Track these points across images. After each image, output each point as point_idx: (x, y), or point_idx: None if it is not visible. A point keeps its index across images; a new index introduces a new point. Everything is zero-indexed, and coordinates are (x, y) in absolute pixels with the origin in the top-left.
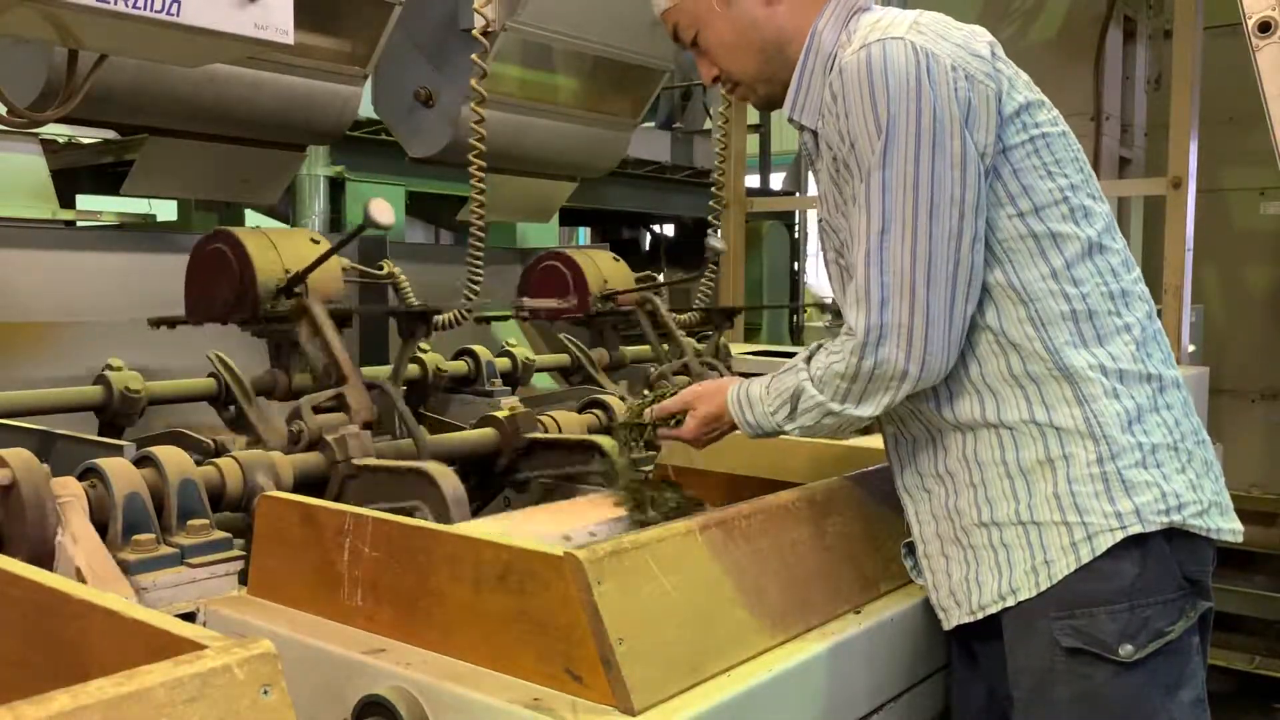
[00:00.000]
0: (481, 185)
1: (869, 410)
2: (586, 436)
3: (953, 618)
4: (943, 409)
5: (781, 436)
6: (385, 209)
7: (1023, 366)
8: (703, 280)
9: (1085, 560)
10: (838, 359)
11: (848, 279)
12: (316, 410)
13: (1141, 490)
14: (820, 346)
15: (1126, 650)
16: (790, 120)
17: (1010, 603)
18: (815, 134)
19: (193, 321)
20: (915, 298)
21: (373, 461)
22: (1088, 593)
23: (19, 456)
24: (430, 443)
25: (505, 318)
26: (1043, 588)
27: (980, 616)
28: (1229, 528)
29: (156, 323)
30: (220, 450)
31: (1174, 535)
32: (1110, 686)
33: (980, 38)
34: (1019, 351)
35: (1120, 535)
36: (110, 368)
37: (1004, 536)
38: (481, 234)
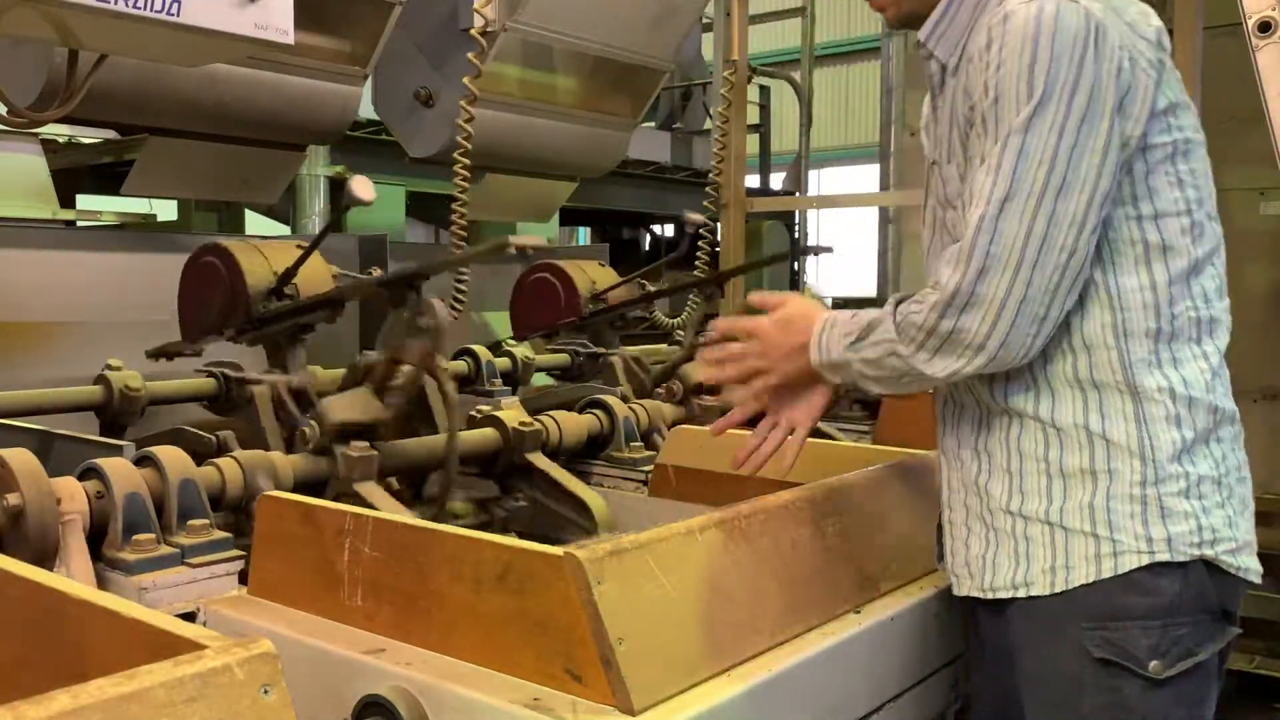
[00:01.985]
0: (465, 185)
1: (936, 370)
2: (577, 491)
3: (963, 587)
4: (995, 391)
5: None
6: (365, 185)
7: (1089, 372)
8: (700, 263)
9: (1105, 575)
10: (918, 311)
11: (942, 231)
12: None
13: (1179, 520)
14: (913, 295)
15: (1155, 666)
16: (920, 45)
17: (1022, 594)
18: (944, 67)
19: (189, 340)
20: (1018, 276)
21: (366, 491)
22: (1123, 606)
23: (26, 470)
24: (429, 443)
25: (500, 342)
26: (1057, 589)
27: (989, 597)
28: (1254, 569)
29: (154, 354)
30: (223, 447)
31: (1211, 564)
32: (1138, 701)
33: (1151, 20)
34: (1091, 356)
35: (1146, 560)
36: (110, 368)
37: (1028, 530)
38: (463, 234)
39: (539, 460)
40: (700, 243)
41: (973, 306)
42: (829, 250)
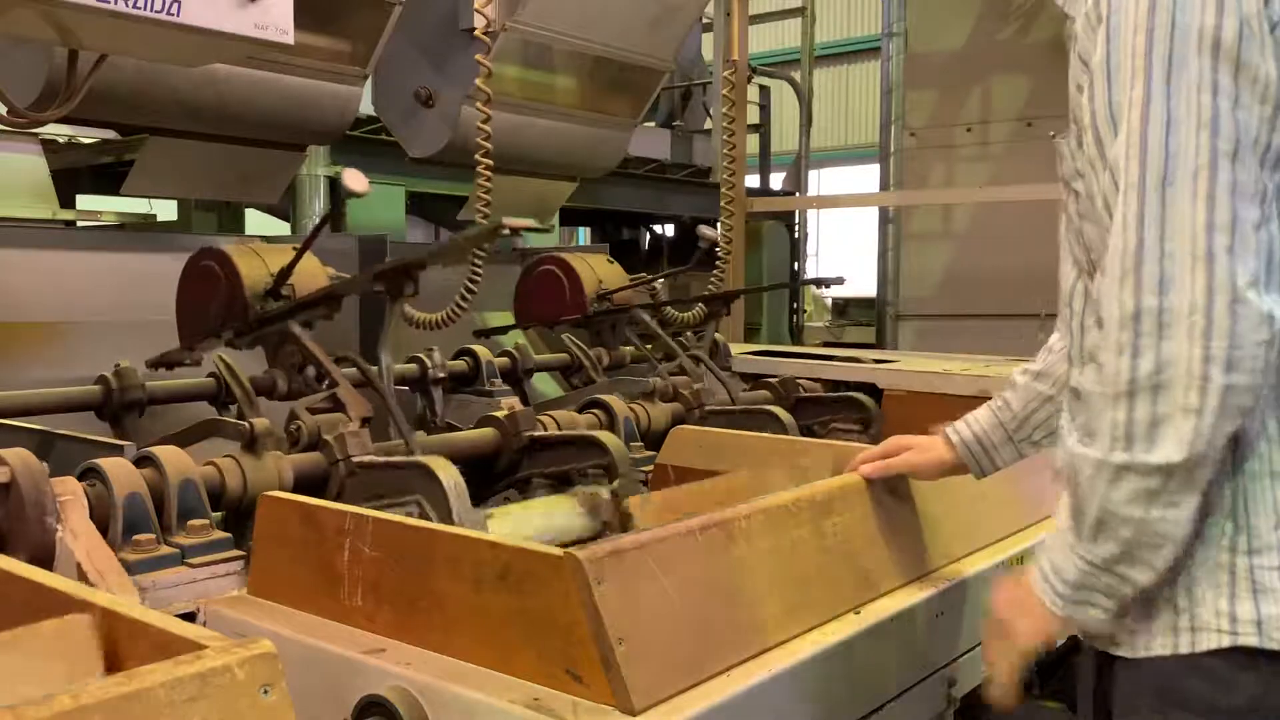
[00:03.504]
0: (488, 185)
1: (1164, 453)
2: (586, 432)
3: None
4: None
5: (1063, 600)
6: (357, 177)
7: None
8: (711, 276)
9: (1182, 651)
10: (1092, 377)
11: (1065, 220)
12: (312, 412)
13: (1274, 600)
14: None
15: None
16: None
17: (1111, 650)
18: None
19: (186, 344)
20: (1215, 270)
21: (371, 458)
22: (1193, 693)
23: (17, 455)
24: (430, 443)
25: (507, 329)
26: (1138, 654)
27: (1082, 640)
28: None
29: (154, 364)
30: (255, 436)
31: None
32: None
33: None
34: None
35: (1227, 641)
36: (119, 368)
37: None
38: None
39: (537, 433)
40: (709, 253)
41: (1170, 328)
42: (840, 281)
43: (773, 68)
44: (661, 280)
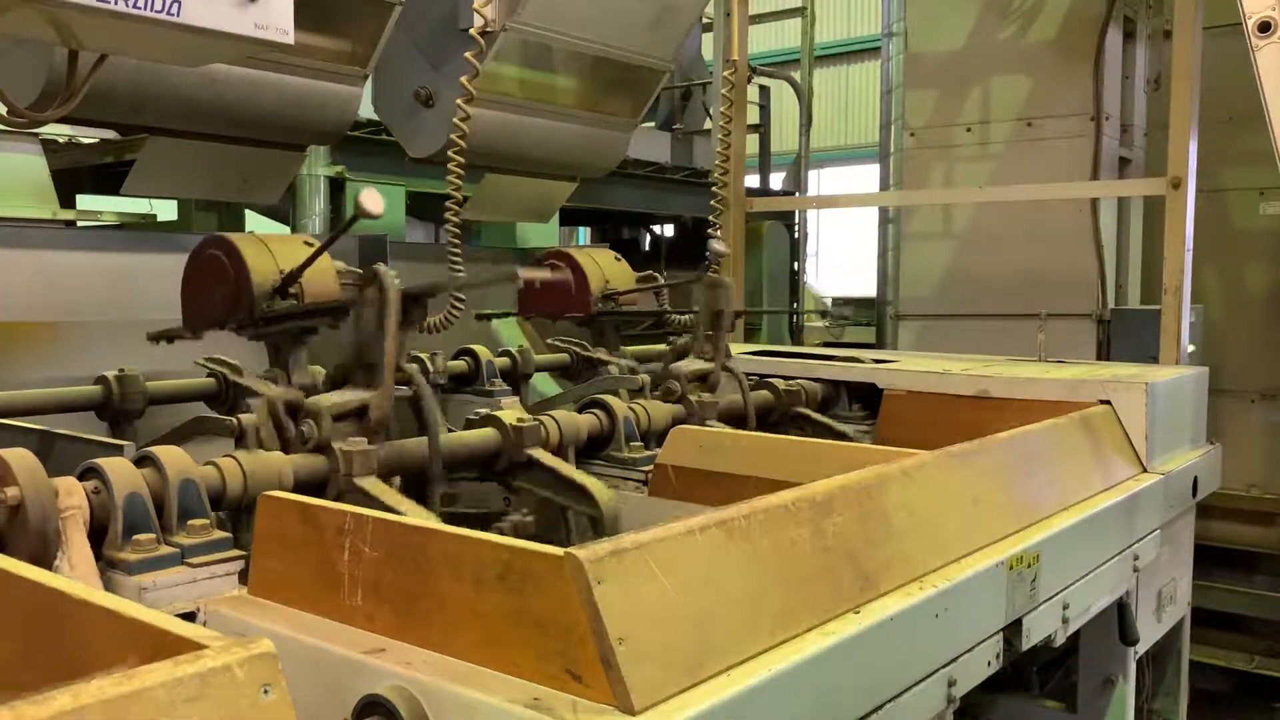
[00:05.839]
0: (459, 183)
1: None
2: (580, 479)
3: None
4: None
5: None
6: (375, 198)
7: None
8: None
9: None
10: None
11: None
12: (337, 418)
13: None
14: None
15: None
16: None
17: None
18: None
19: (190, 332)
20: None
21: (373, 482)
22: None
23: (24, 466)
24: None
25: (504, 315)
26: None
27: None
28: None
29: (155, 337)
30: (243, 431)
31: None
32: None
33: None
34: None
35: None
36: (122, 371)
37: None
38: (459, 234)
39: (540, 454)
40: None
41: None
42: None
43: (773, 68)
44: (666, 289)
